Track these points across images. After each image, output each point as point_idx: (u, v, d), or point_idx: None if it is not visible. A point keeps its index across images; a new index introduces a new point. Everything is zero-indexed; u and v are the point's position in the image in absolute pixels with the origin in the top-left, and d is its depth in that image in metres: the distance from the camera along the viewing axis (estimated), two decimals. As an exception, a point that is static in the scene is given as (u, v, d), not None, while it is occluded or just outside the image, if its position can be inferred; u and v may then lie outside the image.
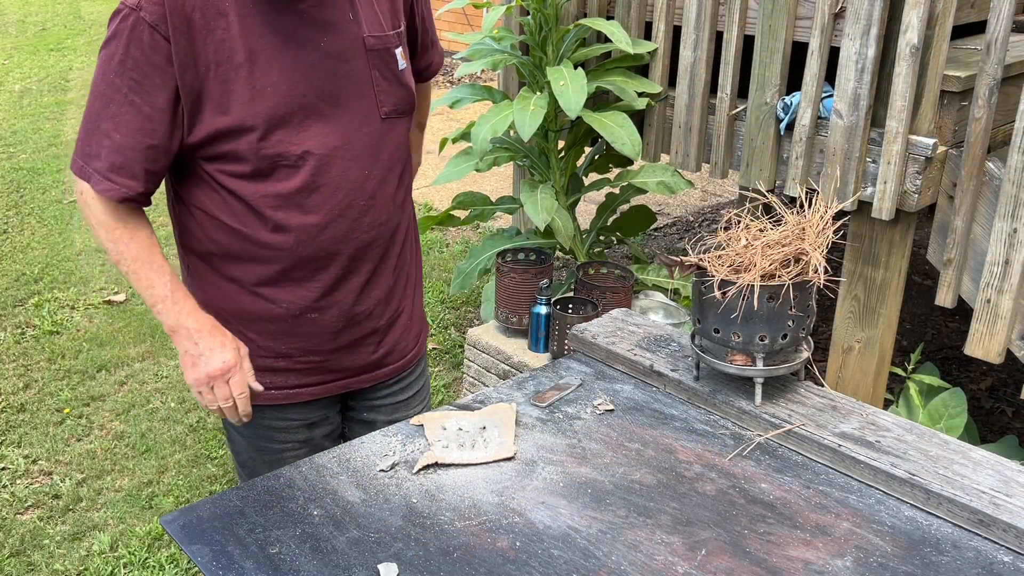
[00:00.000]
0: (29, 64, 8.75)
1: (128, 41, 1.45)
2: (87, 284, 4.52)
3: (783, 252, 1.43)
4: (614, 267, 3.10)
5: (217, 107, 1.50)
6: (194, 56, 1.46)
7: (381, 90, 1.63)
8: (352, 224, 1.64)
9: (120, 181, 1.51)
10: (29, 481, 3.10)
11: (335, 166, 1.59)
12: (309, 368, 1.74)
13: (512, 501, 1.33)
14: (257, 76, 1.49)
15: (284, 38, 1.51)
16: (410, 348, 1.89)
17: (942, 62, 2.49)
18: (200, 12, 1.45)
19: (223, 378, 1.57)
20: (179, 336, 1.58)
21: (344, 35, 1.57)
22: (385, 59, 1.63)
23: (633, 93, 3.06)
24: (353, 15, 1.58)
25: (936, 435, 1.45)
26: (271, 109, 1.51)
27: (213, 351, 1.56)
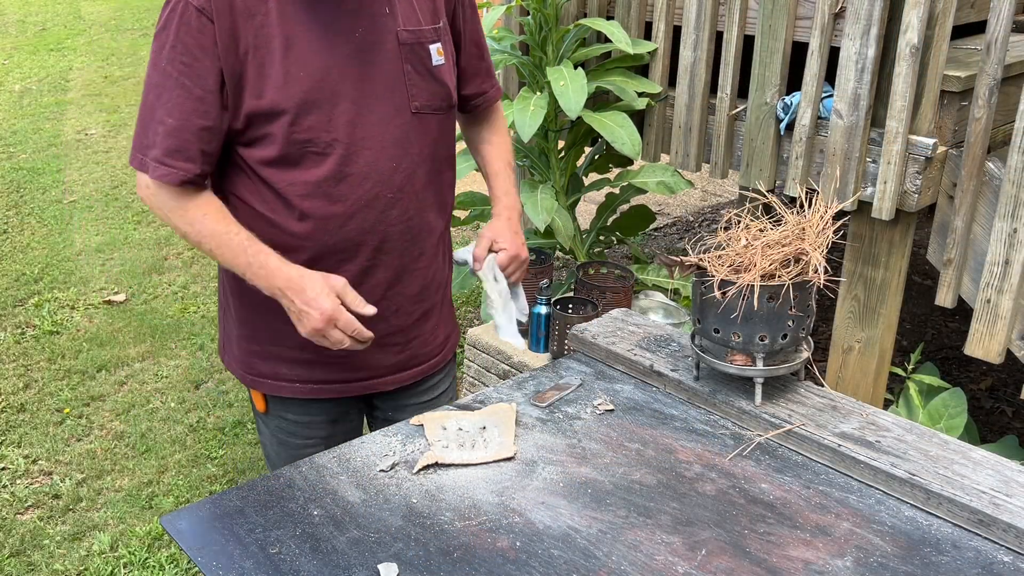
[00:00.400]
0: (29, 64, 8.75)
1: (177, 28, 1.49)
2: (87, 284, 4.52)
3: (783, 252, 1.43)
4: (614, 267, 3.10)
5: (254, 90, 1.53)
6: (235, 40, 1.50)
7: (412, 84, 1.64)
8: (379, 216, 1.65)
9: (177, 164, 1.54)
10: (29, 481, 3.10)
11: (363, 156, 1.61)
12: (333, 362, 1.73)
13: (512, 501, 1.33)
14: (291, 61, 1.53)
15: (320, 27, 1.55)
16: (437, 352, 1.87)
17: (942, 62, 2.49)
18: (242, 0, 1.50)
19: (329, 326, 1.55)
20: (278, 297, 1.58)
21: (379, 27, 1.60)
22: (418, 53, 1.64)
23: (633, 93, 3.06)
24: (390, 9, 1.61)
25: (936, 435, 1.45)
26: (303, 94, 1.54)
27: (310, 305, 1.55)
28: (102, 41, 9.63)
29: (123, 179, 5.92)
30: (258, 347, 1.75)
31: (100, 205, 5.50)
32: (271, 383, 1.76)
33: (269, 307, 1.66)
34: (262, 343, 1.74)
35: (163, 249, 4.88)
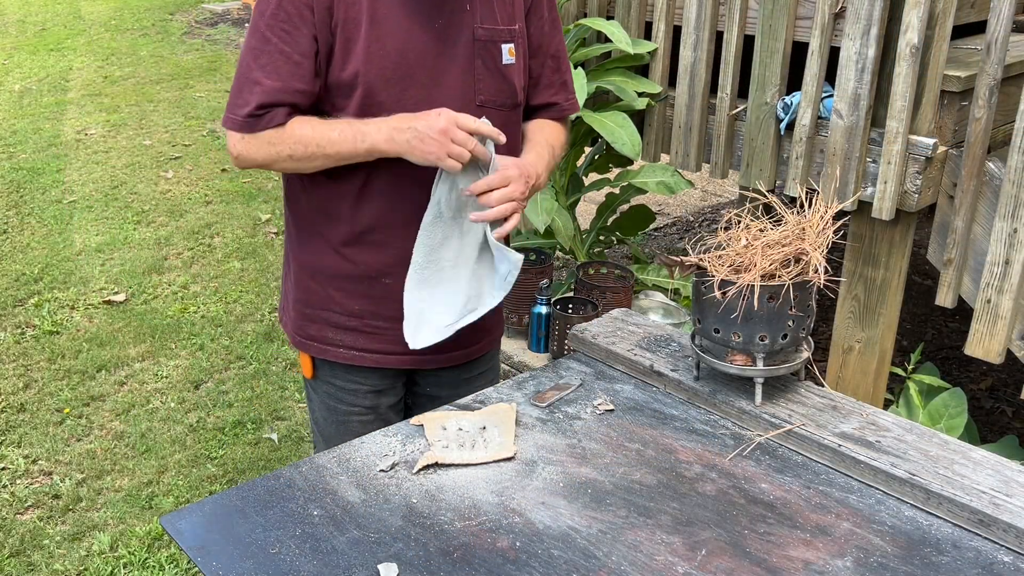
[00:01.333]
0: (29, 64, 8.75)
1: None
2: (87, 284, 4.52)
3: (783, 252, 1.43)
4: (614, 267, 3.10)
5: (338, 62, 1.62)
6: (330, 12, 1.60)
7: (480, 78, 1.71)
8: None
9: (275, 114, 1.62)
10: (29, 481, 3.10)
11: None
12: (376, 333, 1.80)
13: (512, 501, 1.33)
14: (373, 40, 1.61)
15: (405, 12, 1.64)
16: (480, 339, 1.91)
17: (942, 62, 2.49)
18: None
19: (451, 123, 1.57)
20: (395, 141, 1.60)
21: (457, 21, 1.68)
22: (491, 51, 1.72)
23: (633, 93, 3.06)
24: (470, 6, 1.69)
25: (936, 435, 1.45)
26: (380, 71, 1.62)
27: (428, 117, 1.58)
28: (102, 41, 9.63)
29: (123, 179, 5.92)
30: (310, 310, 1.82)
31: (100, 205, 5.50)
32: (317, 346, 1.82)
33: (323, 272, 1.77)
34: (314, 307, 1.81)
35: (163, 249, 4.88)
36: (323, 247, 1.77)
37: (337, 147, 1.63)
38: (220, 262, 4.78)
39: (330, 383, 1.86)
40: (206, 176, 5.98)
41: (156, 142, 6.62)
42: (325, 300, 1.80)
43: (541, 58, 1.84)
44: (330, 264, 1.78)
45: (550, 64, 1.87)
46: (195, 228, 5.15)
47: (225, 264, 4.75)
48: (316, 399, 1.90)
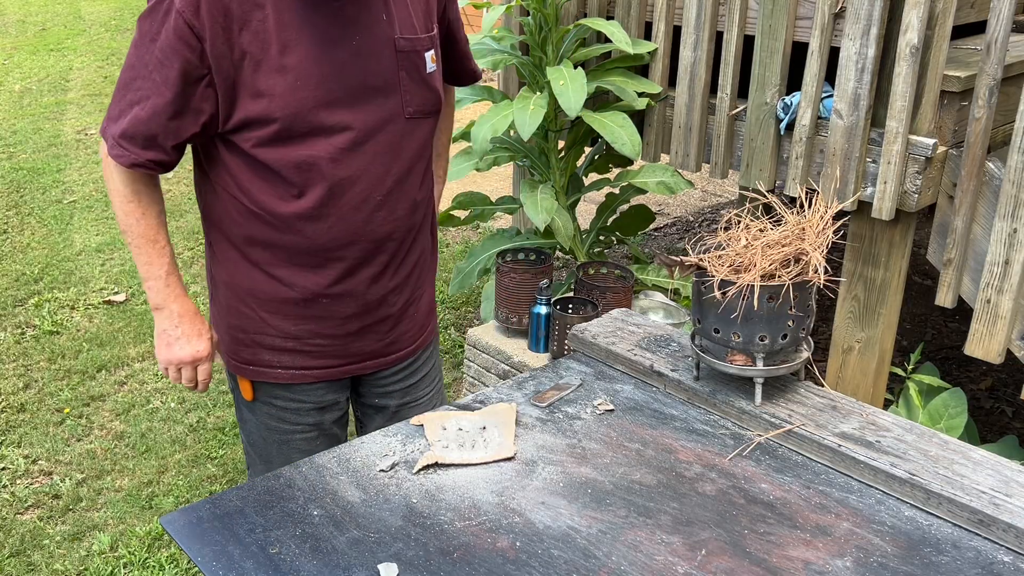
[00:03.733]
0: (29, 64, 8.75)
1: (162, 23, 1.50)
2: (87, 284, 4.52)
3: (783, 252, 1.43)
4: (614, 267, 3.10)
5: (249, 96, 1.55)
6: (230, 46, 1.51)
7: (407, 91, 1.67)
8: (367, 217, 1.68)
9: (131, 149, 1.58)
10: (29, 481, 3.10)
11: (356, 162, 1.63)
12: (317, 351, 1.78)
13: (512, 501, 1.33)
14: (288, 70, 1.54)
15: (318, 34, 1.56)
16: (418, 335, 1.91)
17: (942, 62, 2.49)
18: (237, 2, 1.50)
19: (192, 365, 1.74)
20: (161, 314, 1.70)
21: (376, 35, 1.62)
22: (414, 61, 1.67)
23: (633, 93, 3.06)
24: (387, 15, 1.63)
25: (936, 435, 1.45)
26: (298, 103, 1.56)
27: (189, 338, 1.71)
28: (102, 41, 9.63)
29: (123, 179, 5.91)
30: (244, 335, 1.78)
31: (100, 205, 5.50)
32: (254, 369, 1.79)
33: (255, 296, 1.73)
34: (247, 331, 1.77)
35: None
36: (253, 271, 1.72)
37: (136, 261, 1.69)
38: (220, 262, 4.77)
39: (270, 404, 1.82)
40: (206, 176, 5.96)
41: (156, 142, 6.60)
42: (259, 324, 1.75)
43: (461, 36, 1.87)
44: (263, 288, 1.72)
45: (463, 38, 1.88)
46: (195, 228, 5.15)
47: (225, 264, 4.75)
48: (254, 420, 1.85)
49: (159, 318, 1.71)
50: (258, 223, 1.66)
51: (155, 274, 1.67)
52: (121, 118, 1.58)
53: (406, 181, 1.72)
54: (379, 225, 1.70)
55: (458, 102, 3.27)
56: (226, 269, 1.74)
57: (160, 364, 1.75)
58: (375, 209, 1.68)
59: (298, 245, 1.67)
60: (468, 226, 5.05)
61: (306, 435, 1.84)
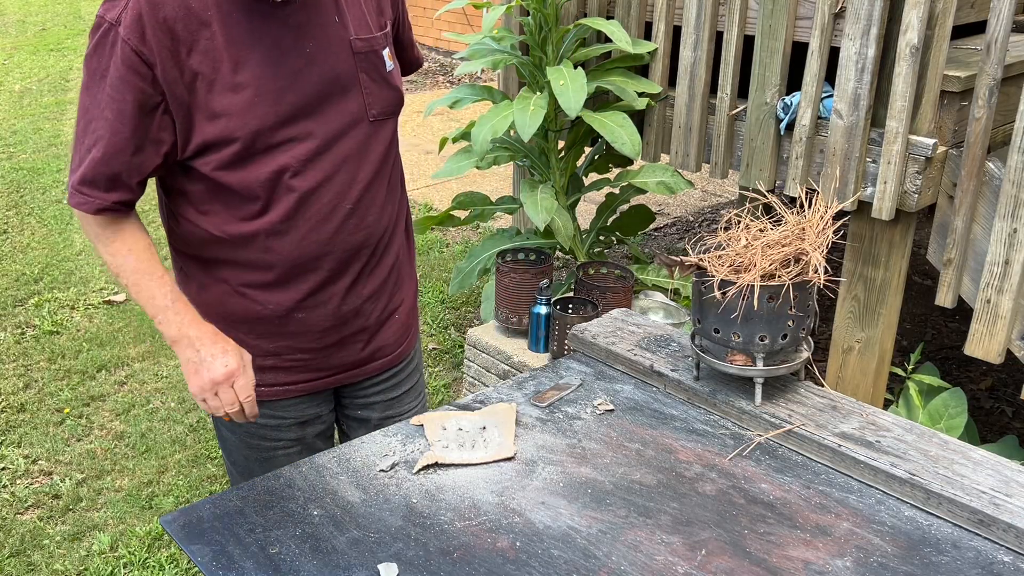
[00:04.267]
0: (29, 64, 8.75)
1: (109, 57, 1.44)
2: (87, 284, 4.52)
3: (783, 252, 1.43)
4: (614, 267, 3.10)
5: (205, 119, 1.49)
6: (180, 70, 1.45)
7: (369, 92, 1.62)
8: (337, 227, 1.63)
9: (93, 194, 1.51)
10: (29, 481, 3.10)
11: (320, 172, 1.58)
12: (297, 366, 1.74)
13: (512, 501, 1.33)
14: (243, 87, 1.48)
15: (270, 45, 1.50)
16: (400, 343, 1.87)
17: (942, 62, 2.49)
18: (182, 24, 1.44)
19: (227, 382, 1.54)
20: (181, 345, 1.56)
21: (330, 39, 1.56)
22: (373, 61, 1.62)
23: (633, 93, 3.06)
24: (339, 17, 1.57)
25: (936, 435, 1.45)
26: (258, 121, 1.50)
27: (215, 357, 1.54)
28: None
29: (123, 179, 5.91)
30: None
31: (100, 205, 5.49)
32: None
33: (228, 317, 1.67)
34: None
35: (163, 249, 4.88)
36: (222, 290, 1.67)
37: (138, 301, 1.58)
38: (220, 262, 4.77)
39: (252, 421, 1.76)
40: (206, 176, 5.97)
41: (156, 142, 6.61)
42: None
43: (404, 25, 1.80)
44: (235, 308, 1.67)
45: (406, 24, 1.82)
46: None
47: (225, 264, 4.75)
48: (233, 439, 1.81)
49: (180, 351, 1.57)
50: (223, 245, 1.61)
51: (161, 306, 1.56)
52: (81, 165, 1.51)
53: (374, 186, 1.67)
54: (350, 234, 1.65)
55: (458, 102, 3.27)
56: (196, 291, 1.69)
57: (196, 397, 1.57)
58: (345, 218, 1.63)
59: (265, 261, 1.62)
60: (468, 226, 5.05)
61: (288, 451, 1.80)
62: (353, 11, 1.60)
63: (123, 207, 1.55)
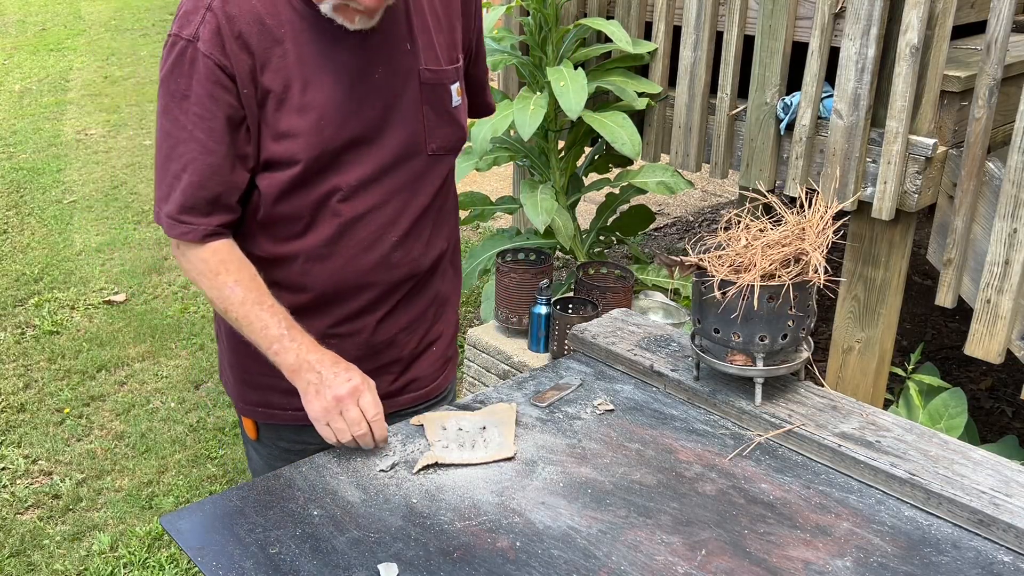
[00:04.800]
0: (29, 64, 8.75)
1: (190, 76, 1.41)
2: (87, 284, 4.52)
3: (783, 252, 1.43)
4: (614, 267, 3.10)
5: (271, 138, 1.46)
6: (254, 85, 1.43)
7: (431, 126, 1.57)
8: (381, 258, 1.59)
9: (195, 220, 1.47)
10: (29, 481, 3.10)
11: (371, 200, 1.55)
12: None
13: (512, 501, 1.33)
14: (311, 109, 1.45)
15: (339, 69, 1.47)
16: (436, 376, 1.80)
17: (942, 62, 2.49)
18: (256, 39, 1.41)
19: (351, 399, 1.43)
20: (301, 371, 1.47)
21: (399, 67, 1.52)
22: (439, 94, 1.56)
23: (633, 93, 3.06)
24: (411, 45, 1.52)
25: (936, 435, 1.45)
26: (320, 144, 1.47)
27: (338, 375, 1.45)
28: (102, 41, 9.63)
29: (123, 179, 5.92)
30: (250, 377, 1.69)
31: (100, 205, 5.50)
32: (263, 411, 1.71)
33: None
34: (252, 373, 1.68)
35: (163, 249, 4.88)
36: None
37: (250, 335, 1.50)
38: (220, 262, 4.77)
39: (275, 444, 1.73)
40: (206, 176, 5.96)
41: (156, 142, 6.61)
42: (267, 368, 1.59)
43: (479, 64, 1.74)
44: None
45: (482, 67, 1.75)
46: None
47: (225, 264, 4.74)
48: (258, 459, 1.78)
49: (299, 377, 1.47)
50: (260, 264, 1.55)
51: (276, 335, 1.47)
52: (172, 192, 1.46)
53: (424, 220, 1.62)
54: (393, 266, 1.60)
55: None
56: None
57: (319, 422, 1.44)
58: (390, 249, 1.58)
59: (301, 284, 1.56)
60: (468, 226, 5.05)
61: None
62: (425, 39, 1.54)
63: (226, 230, 1.50)
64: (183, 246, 1.51)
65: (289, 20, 1.44)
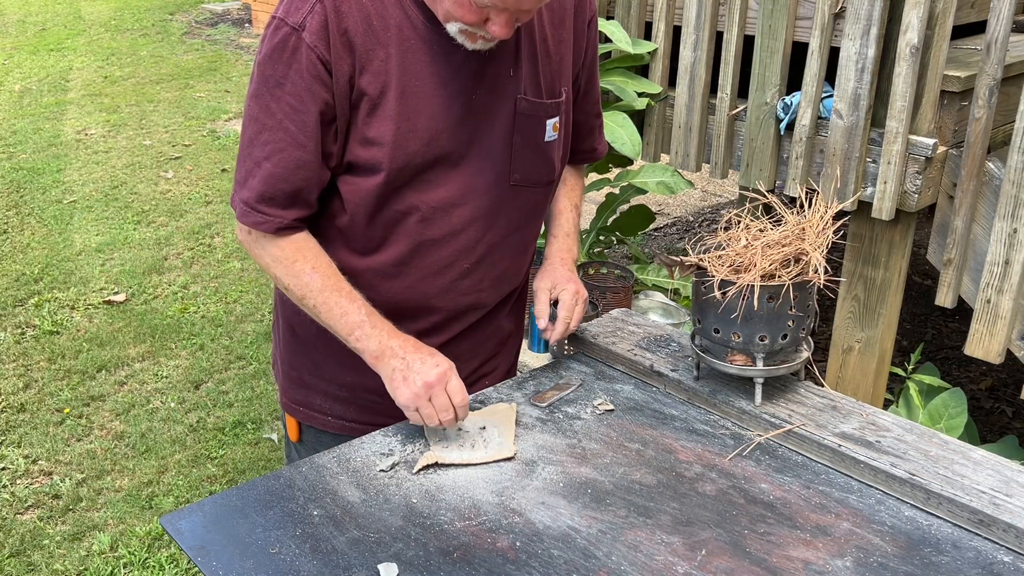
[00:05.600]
0: (29, 64, 8.75)
1: (289, 64, 1.38)
2: (87, 284, 4.52)
3: (783, 252, 1.43)
4: (614, 267, 3.10)
5: (358, 143, 1.44)
6: (350, 85, 1.40)
7: (518, 156, 1.52)
8: (449, 284, 1.57)
9: (271, 212, 1.44)
10: (29, 481, 3.10)
11: (449, 223, 1.52)
12: (368, 406, 1.65)
13: (512, 501, 1.33)
14: (401, 118, 1.42)
15: (439, 84, 1.43)
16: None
17: (942, 62, 2.49)
18: (361, 39, 1.38)
19: (440, 385, 1.42)
20: (385, 357, 1.45)
21: (499, 91, 1.48)
22: (532, 126, 1.52)
23: (633, 93, 3.06)
24: (514, 71, 1.48)
25: (936, 435, 1.45)
26: (406, 158, 1.44)
27: (424, 362, 1.44)
28: (102, 41, 9.63)
29: (123, 179, 5.92)
30: (297, 374, 1.69)
31: (100, 205, 5.50)
32: (304, 411, 1.70)
33: (316, 338, 1.59)
34: (301, 371, 1.68)
35: (163, 249, 4.88)
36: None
37: (329, 322, 1.48)
38: (220, 262, 4.78)
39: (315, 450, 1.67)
40: (206, 176, 5.98)
41: (156, 142, 6.62)
42: (313, 367, 1.64)
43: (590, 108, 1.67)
44: (321, 330, 1.55)
45: (595, 111, 1.70)
46: (195, 228, 5.15)
47: (225, 264, 4.75)
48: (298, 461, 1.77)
49: (383, 363, 1.45)
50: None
51: (356, 321, 1.45)
52: (250, 179, 1.44)
53: (500, 251, 1.59)
54: (462, 294, 1.58)
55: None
56: (288, 302, 1.60)
57: (407, 407, 1.43)
58: (460, 276, 1.56)
59: (367, 298, 1.51)
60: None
61: None
62: (530, 67, 1.50)
63: (301, 224, 1.48)
64: (256, 234, 1.48)
65: (397, 24, 1.40)
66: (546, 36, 1.52)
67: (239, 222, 1.49)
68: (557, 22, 1.53)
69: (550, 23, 1.52)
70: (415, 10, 1.41)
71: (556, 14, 1.53)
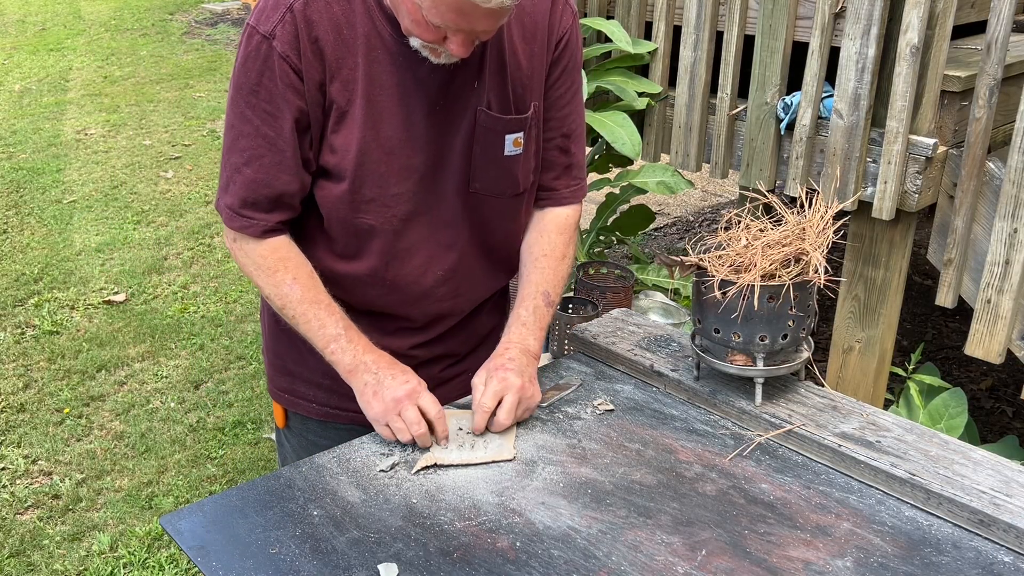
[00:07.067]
0: (29, 64, 8.75)
1: (261, 72, 1.40)
2: (87, 284, 4.52)
3: (783, 252, 1.43)
4: (614, 267, 3.10)
5: (327, 146, 1.47)
6: (322, 93, 1.43)
7: (477, 167, 1.54)
8: (427, 291, 1.60)
9: (254, 216, 1.48)
10: (29, 481, 3.10)
11: (416, 231, 1.55)
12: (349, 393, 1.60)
13: (512, 501, 1.33)
14: (366, 127, 1.45)
15: (402, 96, 1.45)
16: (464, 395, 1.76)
17: (942, 62, 2.49)
18: (331, 48, 1.40)
19: (410, 400, 1.44)
20: (358, 372, 1.48)
21: (461, 102, 1.49)
22: (491, 139, 1.53)
23: (633, 93, 3.06)
24: (478, 83, 1.49)
25: (936, 435, 1.44)
26: (371, 166, 1.47)
27: (396, 378, 1.46)
28: (102, 41, 9.63)
29: (123, 179, 5.92)
30: (281, 363, 1.72)
31: (100, 205, 5.50)
32: (289, 398, 1.73)
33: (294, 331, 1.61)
34: (285, 360, 1.71)
35: (163, 249, 4.88)
36: None
37: (307, 333, 1.50)
38: (220, 262, 4.78)
39: (303, 436, 1.76)
40: (206, 176, 5.98)
41: (156, 142, 6.62)
42: (297, 356, 1.66)
43: (550, 135, 1.63)
44: None
45: (558, 143, 1.64)
46: (195, 228, 5.15)
47: (225, 264, 4.75)
48: (288, 447, 1.81)
49: (355, 378, 1.48)
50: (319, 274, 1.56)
51: (333, 334, 1.48)
52: (231, 185, 1.47)
53: (472, 257, 1.62)
54: (439, 300, 1.62)
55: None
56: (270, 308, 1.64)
57: (378, 422, 1.45)
58: (436, 284, 1.59)
59: (348, 303, 1.55)
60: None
61: None
62: (495, 81, 1.51)
63: (285, 227, 1.52)
64: (240, 239, 1.52)
65: (365, 34, 1.42)
66: (516, 49, 1.52)
67: (226, 226, 1.53)
68: (528, 36, 1.53)
69: (520, 37, 1.52)
70: (384, 21, 1.43)
71: (528, 29, 1.53)
